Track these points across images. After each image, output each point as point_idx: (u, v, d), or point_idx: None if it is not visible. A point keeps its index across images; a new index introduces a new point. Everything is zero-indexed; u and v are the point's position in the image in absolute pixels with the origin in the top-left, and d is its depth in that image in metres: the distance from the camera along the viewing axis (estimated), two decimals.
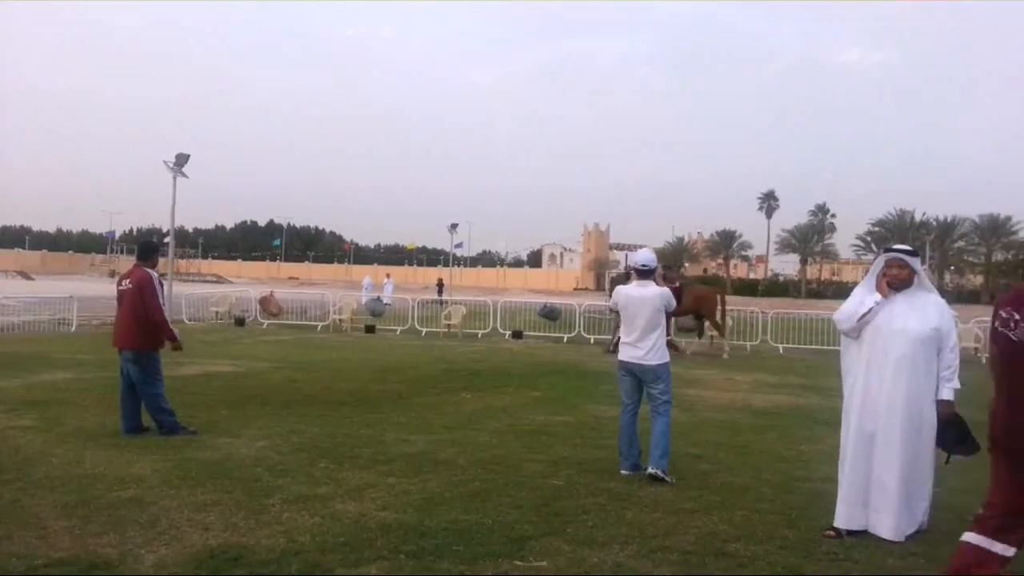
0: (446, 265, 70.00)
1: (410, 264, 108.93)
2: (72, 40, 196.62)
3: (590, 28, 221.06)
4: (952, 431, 4.62)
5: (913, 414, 4.58)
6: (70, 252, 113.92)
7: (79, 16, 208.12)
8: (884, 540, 4.54)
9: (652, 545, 4.42)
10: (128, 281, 7.13)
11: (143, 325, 7.01)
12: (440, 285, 47.29)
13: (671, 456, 5.97)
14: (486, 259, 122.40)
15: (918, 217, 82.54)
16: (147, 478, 5.52)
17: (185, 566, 3.96)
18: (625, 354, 6.13)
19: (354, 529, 4.54)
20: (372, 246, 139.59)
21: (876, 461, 4.62)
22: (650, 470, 5.81)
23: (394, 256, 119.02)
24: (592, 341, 19.11)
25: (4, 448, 6.31)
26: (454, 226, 51.77)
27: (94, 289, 34.46)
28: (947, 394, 4.61)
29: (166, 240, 23.94)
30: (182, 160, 20.55)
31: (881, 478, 4.60)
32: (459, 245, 63.16)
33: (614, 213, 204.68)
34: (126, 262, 73.15)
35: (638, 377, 6.10)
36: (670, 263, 17.72)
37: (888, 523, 4.57)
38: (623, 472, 5.99)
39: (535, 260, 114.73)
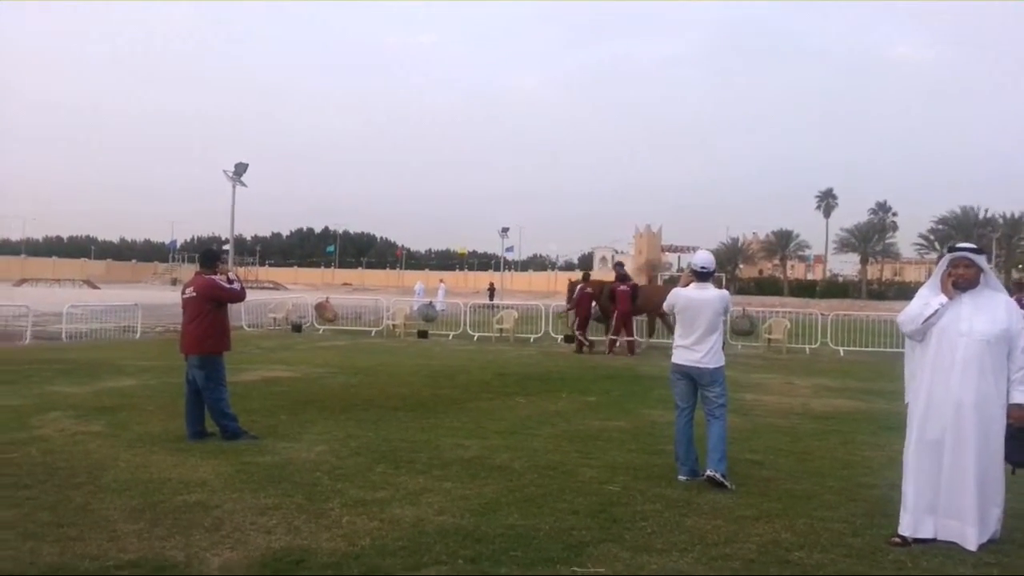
0: (497, 269, 70.25)
1: (461, 269, 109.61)
2: (132, 57, 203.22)
3: (631, 30, 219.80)
4: (1020, 440, 4.45)
5: (984, 419, 4.42)
6: (133, 261, 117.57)
7: (137, 35, 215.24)
8: (954, 548, 4.40)
9: (713, 553, 4.35)
10: (191, 289, 7.31)
11: (212, 328, 7.22)
12: (492, 289, 47.55)
13: (730, 462, 5.87)
14: (537, 263, 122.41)
15: (982, 214, 79.96)
16: (211, 482, 5.65)
17: (249, 569, 4.03)
18: (681, 357, 6.05)
19: (412, 533, 4.57)
20: (424, 251, 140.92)
21: (946, 467, 4.46)
22: (709, 472, 5.72)
23: (446, 261, 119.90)
24: (644, 345, 18.94)
25: (75, 453, 6.52)
26: (505, 230, 52.00)
27: (157, 297, 35.48)
28: (1019, 397, 4.44)
29: (226, 248, 24.54)
30: (241, 169, 21.10)
31: (955, 485, 4.44)
32: (510, 249, 63.41)
33: (666, 214, 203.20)
34: (187, 271, 75.20)
35: (693, 380, 6.02)
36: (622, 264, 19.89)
37: (964, 532, 4.41)
38: (681, 478, 5.92)
39: (586, 263, 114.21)
